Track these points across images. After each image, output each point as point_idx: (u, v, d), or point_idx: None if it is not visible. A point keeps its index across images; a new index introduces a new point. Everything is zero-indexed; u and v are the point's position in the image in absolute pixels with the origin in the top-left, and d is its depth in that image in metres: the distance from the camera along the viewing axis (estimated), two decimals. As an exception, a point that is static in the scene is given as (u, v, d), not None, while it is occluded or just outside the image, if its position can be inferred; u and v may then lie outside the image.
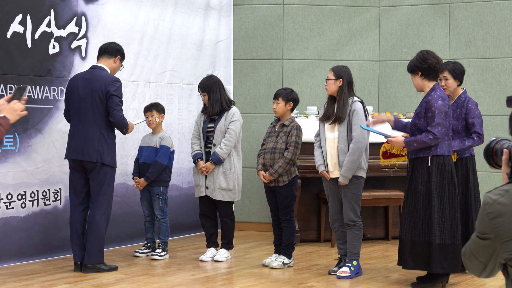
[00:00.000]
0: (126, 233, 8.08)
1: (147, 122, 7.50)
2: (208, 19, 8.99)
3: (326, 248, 8.13)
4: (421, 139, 6.04)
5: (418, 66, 6.15)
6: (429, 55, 6.16)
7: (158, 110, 7.50)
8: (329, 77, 6.61)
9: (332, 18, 9.35)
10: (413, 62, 6.18)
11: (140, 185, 7.38)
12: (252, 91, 9.36)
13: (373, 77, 9.41)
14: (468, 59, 8.83)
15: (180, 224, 8.75)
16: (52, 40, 7.19)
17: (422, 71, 6.13)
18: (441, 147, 6.09)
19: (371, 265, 7.16)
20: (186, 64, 8.74)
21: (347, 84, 6.56)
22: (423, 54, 6.18)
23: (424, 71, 6.13)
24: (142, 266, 7.05)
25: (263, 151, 7.11)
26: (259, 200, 9.23)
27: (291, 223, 7.00)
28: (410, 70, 6.22)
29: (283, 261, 6.99)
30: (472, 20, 9.03)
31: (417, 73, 6.16)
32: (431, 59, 6.14)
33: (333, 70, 6.63)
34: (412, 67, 6.18)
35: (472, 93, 8.59)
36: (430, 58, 6.14)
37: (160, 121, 7.52)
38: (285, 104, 7.00)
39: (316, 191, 8.44)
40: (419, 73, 6.15)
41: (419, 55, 6.19)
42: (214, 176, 7.21)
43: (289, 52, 9.30)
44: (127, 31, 7.95)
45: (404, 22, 9.32)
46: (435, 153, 6.07)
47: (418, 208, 6.09)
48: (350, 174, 6.44)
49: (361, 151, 6.43)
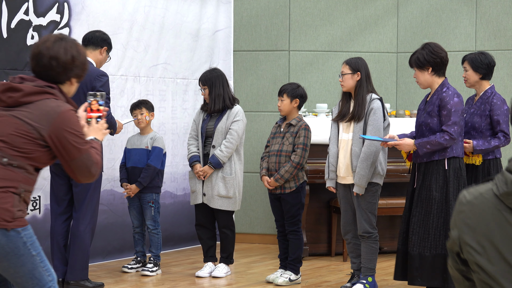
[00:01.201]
0: (113, 246, 8.06)
1: (136, 121, 7.47)
2: (206, 5, 8.97)
3: (338, 263, 8.11)
4: (436, 140, 6.03)
5: (429, 60, 6.12)
6: (439, 48, 6.17)
7: (148, 107, 7.48)
8: (345, 71, 6.56)
9: (344, 4, 9.32)
10: (422, 56, 6.13)
11: (132, 191, 7.35)
12: (255, 86, 9.34)
13: (391, 70, 9.39)
14: (496, 51, 8.78)
15: (174, 235, 8.72)
16: (31, 29, 7.17)
17: (433, 66, 6.12)
18: (456, 149, 6.11)
19: (387, 281, 7.13)
20: (181, 57, 8.72)
21: (365, 78, 6.53)
22: (432, 47, 6.16)
23: (435, 66, 6.12)
24: (131, 283, 7.03)
25: (267, 154, 7.09)
26: (262, 209, 9.21)
27: (298, 234, 6.97)
28: (418, 65, 6.16)
29: (290, 277, 6.97)
30: (502, 7, 9.00)
31: (426, 69, 6.14)
32: (442, 53, 6.15)
33: (348, 63, 6.58)
34: (422, 61, 6.13)
35: (501, 89, 8.55)
36: (440, 51, 6.15)
37: (150, 120, 7.49)
38: (291, 101, 6.97)
39: (327, 198, 8.41)
40: (430, 68, 6.13)
41: (427, 48, 6.16)
42: (212, 181, 7.18)
43: (296, 43, 9.28)
44: (115, 19, 7.93)
45: (425, 9, 9.29)
46: (452, 155, 6.08)
47: (431, 217, 6.08)
48: (364, 182, 6.41)
49: (375, 155, 6.39)
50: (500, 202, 2.47)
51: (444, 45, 8.93)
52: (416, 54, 6.18)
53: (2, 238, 3.56)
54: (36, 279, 3.65)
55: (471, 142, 6.37)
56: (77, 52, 3.78)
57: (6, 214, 3.57)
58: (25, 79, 3.75)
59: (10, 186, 3.60)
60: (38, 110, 3.66)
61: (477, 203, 2.50)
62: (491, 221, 2.44)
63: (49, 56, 3.71)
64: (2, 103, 3.71)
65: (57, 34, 3.82)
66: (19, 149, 3.64)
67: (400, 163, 7.99)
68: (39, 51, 3.74)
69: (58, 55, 3.72)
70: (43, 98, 3.68)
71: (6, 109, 3.70)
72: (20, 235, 3.60)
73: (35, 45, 3.79)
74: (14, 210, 3.59)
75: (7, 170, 3.62)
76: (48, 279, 3.68)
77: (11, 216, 3.58)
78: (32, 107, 3.67)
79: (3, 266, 3.62)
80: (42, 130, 3.64)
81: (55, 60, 3.72)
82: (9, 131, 3.65)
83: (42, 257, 3.67)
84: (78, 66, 3.79)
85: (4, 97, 3.71)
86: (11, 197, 3.60)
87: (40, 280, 3.65)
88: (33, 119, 3.64)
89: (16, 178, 3.62)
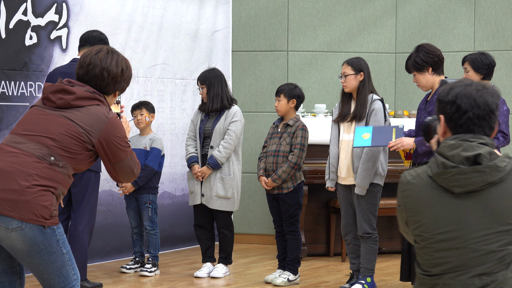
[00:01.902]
0: (111, 246, 8.05)
1: (135, 121, 7.48)
2: (204, 6, 8.97)
3: (336, 263, 8.10)
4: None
5: (427, 61, 6.10)
6: (433, 47, 6.15)
7: (148, 109, 7.49)
8: (347, 72, 6.54)
9: (343, 5, 9.32)
10: (420, 58, 6.10)
11: (127, 190, 7.36)
12: (253, 87, 9.34)
13: (389, 71, 9.39)
14: (495, 51, 8.78)
15: (172, 236, 8.72)
16: (29, 29, 7.16)
17: (432, 65, 6.11)
18: None
19: (386, 281, 7.13)
20: (179, 57, 8.71)
21: (368, 78, 6.53)
22: (426, 47, 6.13)
23: (434, 65, 6.11)
24: (130, 283, 7.03)
25: (264, 154, 7.09)
26: (260, 209, 9.20)
27: (296, 234, 6.97)
28: (417, 68, 6.12)
29: (288, 278, 6.96)
30: (500, 8, 9.00)
31: (427, 69, 6.12)
32: (437, 51, 6.15)
33: (349, 64, 6.57)
34: (420, 63, 6.10)
35: (500, 89, 8.54)
36: (435, 50, 6.14)
37: (150, 121, 7.50)
38: (288, 102, 6.98)
39: (325, 199, 8.40)
40: (430, 68, 6.11)
41: (422, 49, 6.12)
42: (211, 182, 7.18)
43: (294, 44, 9.27)
44: (113, 19, 7.93)
45: (424, 9, 9.29)
46: None
47: None
48: (366, 183, 6.41)
49: (376, 156, 6.39)
50: (433, 182, 2.95)
51: (443, 45, 8.97)
52: (413, 58, 6.14)
53: (39, 235, 3.68)
54: (63, 277, 3.77)
55: None
56: (126, 67, 3.95)
57: (45, 212, 3.68)
58: (74, 83, 3.86)
59: (52, 186, 3.73)
60: (89, 114, 3.80)
61: (415, 182, 2.98)
62: (426, 197, 2.95)
63: (101, 67, 3.86)
64: (52, 104, 3.82)
65: (108, 47, 3.97)
66: (67, 149, 3.77)
67: (400, 163, 7.98)
68: (91, 61, 3.87)
69: (110, 68, 3.88)
70: (93, 104, 3.82)
71: (56, 110, 3.81)
72: (55, 232, 3.72)
73: (86, 55, 3.92)
74: (52, 209, 3.71)
75: (52, 170, 3.74)
76: (73, 277, 3.81)
77: (49, 214, 3.70)
78: (84, 111, 3.80)
79: (34, 262, 3.72)
80: (93, 134, 3.79)
81: (107, 72, 3.87)
82: (60, 130, 3.77)
83: (71, 255, 3.80)
84: (125, 80, 3.96)
85: (54, 98, 3.82)
86: (50, 196, 3.72)
87: (66, 278, 3.78)
88: (85, 122, 3.78)
89: (58, 179, 3.76)
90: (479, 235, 2.88)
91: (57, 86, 3.82)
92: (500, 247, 2.89)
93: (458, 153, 2.88)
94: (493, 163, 2.88)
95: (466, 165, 2.88)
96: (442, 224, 2.92)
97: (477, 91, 2.94)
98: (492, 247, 2.89)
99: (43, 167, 3.71)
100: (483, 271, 2.89)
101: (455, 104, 2.94)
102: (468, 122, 2.94)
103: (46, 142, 3.74)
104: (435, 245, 2.93)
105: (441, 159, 2.92)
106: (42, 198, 3.68)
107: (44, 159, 3.72)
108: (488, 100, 2.94)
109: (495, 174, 2.88)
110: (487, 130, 2.97)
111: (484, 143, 2.91)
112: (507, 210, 2.90)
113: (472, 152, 2.88)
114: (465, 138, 2.93)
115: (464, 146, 2.89)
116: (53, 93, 3.82)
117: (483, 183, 2.88)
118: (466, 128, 2.95)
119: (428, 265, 2.96)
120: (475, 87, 2.95)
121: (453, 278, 2.91)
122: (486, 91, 2.95)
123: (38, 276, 3.77)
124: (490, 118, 2.97)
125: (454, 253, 2.90)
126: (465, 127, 2.95)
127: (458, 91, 2.95)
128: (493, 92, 2.97)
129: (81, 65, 3.89)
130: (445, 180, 2.90)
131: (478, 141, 2.91)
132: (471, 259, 2.89)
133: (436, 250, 2.93)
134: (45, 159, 3.73)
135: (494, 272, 2.89)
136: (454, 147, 2.90)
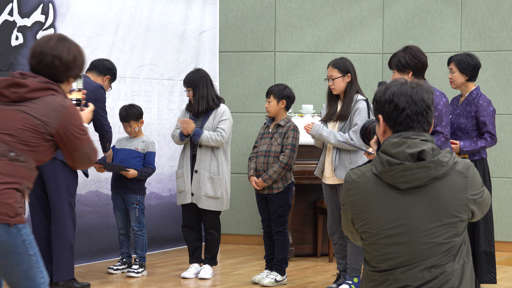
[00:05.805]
0: (98, 247, 8.03)
1: (126, 132, 7.49)
2: (192, 6, 8.97)
3: (324, 264, 8.12)
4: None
5: (410, 64, 6.06)
6: (420, 52, 6.12)
7: (136, 117, 7.44)
8: (335, 75, 6.55)
9: (330, 5, 9.34)
10: (404, 59, 6.07)
11: (129, 175, 7.27)
12: (241, 87, 9.34)
13: (376, 71, 9.41)
14: (482, 52, 8.82)
15: (159, 236, 8.71)
16: (15, 30, 7.14)
17: (414, 70, 6.08)
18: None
19: (374, 282, 7.13)
20: (167, 57, 8.71)
21: (354, 78, 6.56)
22: (414, 51, 6.11)
23: (416, 71, 6.08)
24: (117, 284, 7.02)
25: (255, 154, 7.09)
26: (248, 210, 9.21)
27: (284, 235, 6.98)
28: (399, 68, 6.10)
29: (275, 278, 6.97)
30: (487, 8, 9.03)
31: (407, 72, 6.09)
32: (423, 57, 6.11)
33: (335, 66, 6.58)
34: (403, 64, 6.07)
35: (486, 90, 8.58)
36: (422, 55, 6.11)
37: (140, 127, 7.50)
38: (278, 103, 6.99)
39: (313, 199, 8.42)
40: (410, 72, 6.08)
41: (409, 51, 6.10)
42: (200, 182, 7.17)
43: (282, 44, 9.28)
44: (100, 20, 7.91)
45: (411, 10, 9.32)
46: None
47: None
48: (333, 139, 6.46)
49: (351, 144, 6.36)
50: (378, 179, 3.03)
51: (429, 46, 9.01)
52: (398, 57, 6.12)
53: (3, 234, 3.59)
54: (30, 280, 3.67)
55: (458, 143, 6.40)
56: (78, 53, 3.87)
57: (10, 210, 3.61)
58: (26, 75, 3.80)
59: (14, 182, 3.66)
60: (45, 105, 3.73)
61: (360, 180, 3.06)
62: (372, 194, 3.03)
63: (53, 55, 3.79)
64: (6, 99, 3.75)
65: (59, 34, 3.90)
66: (26, 143, 3.70)
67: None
68: (42, 50, 3.80)
69: (61, 55, 3.80)
70: (48, 94, 3.75)
71: (10, 104, 3.74)
72: (20, 232, 3.64)
73: (36, 44, 3.84)
74: (16, 206, 3.63)
75: (13, 165, 3.67)
76: (41, 280, 3.70)
77: (14, 212, 3.62)
78: (39, 102, 3.73)
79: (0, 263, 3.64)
80: (50, 124, 3.72)
81: (58, 60, 3.79)
82: (17, 125, 3.70)
83: (38, 257, 3.70)
84: (78, 67, 3.88)
85: (7, 92, 3.75)
86: (14, 193, 3.65)
87: (34, 281, 3.68)
88: (41, 114, 3.71)
89: (20, 174, 3.68)
90: (427, 229, 2.99)
91: (9, 80, 3.75)
92: (446, 239, 2.99)
93: (403, 150, 2.97)
94: (436, 158, 2.99)
95: (410, 162, 2.97)
96: (389, 220, 3.01)
97: (413, 89, 3.05)
98: (439, 240, 2.98)
99: (3, 164, 3.64)
100: (432, 263, 2.98)
101: (393, 102, 3.03)
102: (407, 119, 3.03)
103: (3, 138, 3.67)
104: (383, 241, 3.01)
105: (385, 157, 3.00)
106: (5, 196, 3.60)
107: (3, 155, 3.65)
108: (424, 96, 3.04)
109: (439, 169, 2.98)
110: (425, 125, 3.06)
111: (425, 140, 3.01)
112: (451, 203, 3.00)
113: (416, 148, 2.97)
114: (407, 135, 3.02)
115: (408, 143, 2.98)
116: (6, 87, 3.74)
117: (428, 178, 2.98)
118: (405, 125, 3.04)
119: (376, 261, 3.04)
120: (410, 85, 3.05)
121: (403, 273, 2.99)
122: (421, 88, 3.06)
123: (6, 278, 3.68)
124: (427, 114, 3.05)
125: (403, 247, 2.99)
126: (405, 124, 3.03)
127: (394, 90, 3.05)
128: (428, 88, 3.08)
129: (33, 54, 3.82)
130: (391, 177, 2.99)
131: (420, 138, 3.01)
132: (420, 252, 2.98)
133: (384, 245, 3.01)
134: (5, 155, 3.65)
135: (442, 264, 2.98)
136: (398, 144, 2.99)
